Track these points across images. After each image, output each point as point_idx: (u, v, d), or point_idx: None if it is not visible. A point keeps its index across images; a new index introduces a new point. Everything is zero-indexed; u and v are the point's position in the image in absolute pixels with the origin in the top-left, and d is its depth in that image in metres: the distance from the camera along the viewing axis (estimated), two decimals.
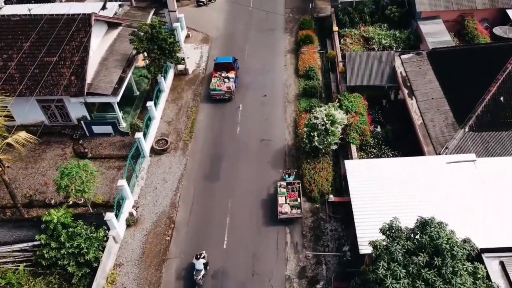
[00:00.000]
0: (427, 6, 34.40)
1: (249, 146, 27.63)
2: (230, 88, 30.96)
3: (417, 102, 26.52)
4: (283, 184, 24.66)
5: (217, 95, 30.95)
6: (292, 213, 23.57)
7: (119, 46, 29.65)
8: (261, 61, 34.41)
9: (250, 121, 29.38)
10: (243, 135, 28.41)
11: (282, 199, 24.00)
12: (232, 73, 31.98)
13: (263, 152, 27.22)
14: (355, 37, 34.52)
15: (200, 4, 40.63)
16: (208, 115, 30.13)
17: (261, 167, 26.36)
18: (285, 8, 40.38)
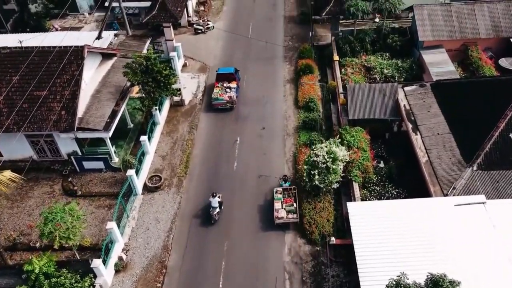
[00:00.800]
0: (429, 35, 33.61)
1: (246, 183, 26.43)
2: (232, 98, 31.83)
3: (421, 138, 25.39)
4: (279, 190, 25.14)
5: (219, 104, 31.75)
6: (288, 217, 23.97)
7: (113, 77, 28.73)
8: (260, 91, 33.48)
9: (247, 155, 28.24)
10: (241, 171, 27.23)
11: (278, 205, 24.46)
12: (234, 84, 32.90)
13: (261, 190, 25.99)
14: (356, 67, 33.67)
15: (198, 32, 39.95)
16: (204, 149, 29.01)
17: (258, 206, 25.08)
18: (285, 36, 39.68)
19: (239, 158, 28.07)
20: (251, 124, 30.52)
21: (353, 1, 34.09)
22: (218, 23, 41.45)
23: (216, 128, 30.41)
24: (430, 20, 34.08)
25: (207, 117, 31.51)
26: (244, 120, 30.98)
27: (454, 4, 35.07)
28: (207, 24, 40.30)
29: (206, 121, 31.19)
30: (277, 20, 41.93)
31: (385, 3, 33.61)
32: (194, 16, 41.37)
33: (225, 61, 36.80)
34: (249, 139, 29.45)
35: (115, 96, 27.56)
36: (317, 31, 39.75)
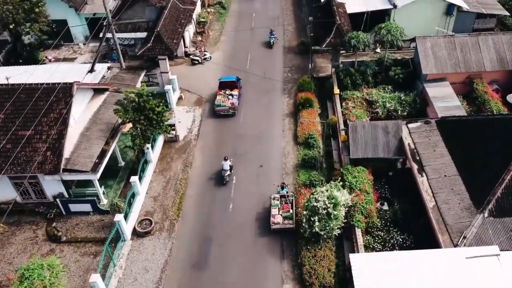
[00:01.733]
0: (433, 68, 32.53)
1: (242, 227, 24.89)
2: (234, 104, 33.34)
3: (428, 180, 23.92)
4: (276, 196, 25.71)
5: (221, 110, 33.30)
6: (284, 223, 24.60)
7: (104, 114, 27.54)
8: (258, 126, 32.23)
9: (244, 196, 26.78)
10: (237, 213, 25.72)
11: (275, 211, 25.06)
12: (236, 91, 34.42)
13: (258, 235, 24.44)
14: (357, 101, 32.45)
15: (195, 62, 38.99)
16: (198, 189, 27.56)
17: (256, 253, 23.50)
18: (284, 67, 38.69)
19: (235, 199, 26.61)
20: (248, 162, 29.13)
21: (353, 33, 33.16)
22: (215, 54, 40.55)
23: (211, 166, 29.03)
24: (433, 52, 33.07)
25: (202, 154, 30.18)
26: (240, 157, 29.62)
27: (458, 36, 34.12)
28: (204, 55, 39.38)
29: (201, 158, 29.85)
30: (276, 50, 41.03)
31: (386, 35, 32.64)
32: (191, 47, 40.49)
33: None
34: (246, 178, 28.03)
35: (106, 134, 26.30)
36: (317, 61, 38.76)
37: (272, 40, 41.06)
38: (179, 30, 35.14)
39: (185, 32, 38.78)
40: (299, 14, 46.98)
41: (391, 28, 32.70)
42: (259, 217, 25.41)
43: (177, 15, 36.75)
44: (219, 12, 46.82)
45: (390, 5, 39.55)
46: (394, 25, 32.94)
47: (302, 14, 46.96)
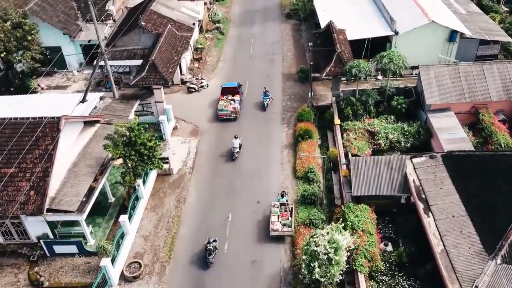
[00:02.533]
0: (437, 99, 31.39)
1: (236, 271, 23.34)
2: (236, 109, 34.82)
3: (435, 221, 22.48)
4: (276, 204, 26.21)
5: (224, 115, 34.69)
6: (283, 230, 25.12)
7: (94, 147, 26.29)
8: (255, 159, 30.92)
9: (240, 235, 25.31)
10: (231, 256, 24.21)
11: (274, 218, 25.57)
12: (237, 97, 35.79)
13: (253, 279, 22.90)
14: (359, 131, 31.22)
15: (191, 90, 37.94)
16: (191, 228, 26.09)
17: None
18: (283, 95, 37.59)
19: (230, 239, 25.13)
20: (245, 197, 27.73)
21: (354, 62, 32.13)
22: (213, 81, 39.55)
23: (206, 202, 27.66)
24: (437, 81, 32.00)
25: (196, 188, 28.81)
26: (237, 192, 28.25)
27: (462, 64, 33.11)
28: (201, 83, 38.37)
29: (195, 193, 28.47)
30: (275, 78, 40.04)
31: (388, 64, 31.59)
32: (188, 74, 39.51)
33: (218, 123, 34.52)
34: (242, 215, 26.60)
35: (95, 169, 25.01)
36: (317, 89, 37.72)
37: (266, 102, 35.10)
38: (175, 59, 34.17)
39: (182, 59, 37.85)
40: (298, 40, 46.19)
41: (393, 57, 31.68)
42: (254, 259, 23.89)
43: (174, 43, 35.86)
44: (217, 37, 46.06)
45: (391, 32, 38.74)
46: (396, 54, 31.93)
47: (301, 40, 46.17)
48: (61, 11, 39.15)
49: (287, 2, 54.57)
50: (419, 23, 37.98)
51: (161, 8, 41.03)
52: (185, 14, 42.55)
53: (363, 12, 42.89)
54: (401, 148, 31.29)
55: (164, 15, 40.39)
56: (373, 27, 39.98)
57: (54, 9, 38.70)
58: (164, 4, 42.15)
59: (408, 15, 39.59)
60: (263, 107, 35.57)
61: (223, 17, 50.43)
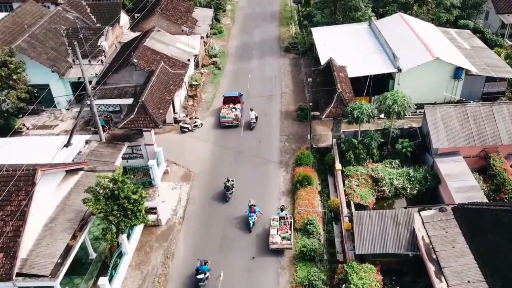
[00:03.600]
0: (444, 142, 29.50)
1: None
2: (237, 116, 36.56)
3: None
4: (276, 217, 26.55)
5: (226, 122, 36.42)
6: (282, 243, 25.40)
7: (74, 199, 24.21)
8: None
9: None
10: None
11: (274, 231, 25.90)
12: (238, 105, 37.65)
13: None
14: (361, 177, 29.22)
15: (184, 130, 36.09)
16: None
17: None
18: (281, 135, 35.73)
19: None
20: (239, 253, 25.46)
21: (356, 104, 30.36)
22: (207, 120, 37.79)
23: (196, 258, 25.31)
24: (444, 123, 30.15)
25: (186, 242, 26.55)
26: (230, 246, 26.01)
27: (470, 105, 31.31)
28: (195, 122, 36.58)
29: (184, 247, 26.19)
30: (273, 116, 38.28)
31: (392, 105, 29.80)
32: (182, 112, 37.76)
33: (212, 166, 32.54)
34: (235, 273, 24.29)
35: (73, 225, 22.85)
36: (317, 129, 35.87)
37: (252, 220, 27.04)
38: (167, 98, 32.48)
39: (175, 97, 36.18)
40: (297, 75, 44.71)
41: (397, 98, 29.91)
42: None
43: (166, 81, 34.25)
44: (213, 72, 44.56)
45: (394, 69, 37.19)
46: (400, 95, 30.18)
47: (300, 75, 44.69)
48: (51, 48, 37.73)
49: (286, 35, 53.46)
50: (423, 60, 36.49)
51: (155, 44, 39.66)
52: (180, 50, 41.14)
53: (365, 47, 41.50)
54: (406, 195, 29.29)
55: (158, 51, 38.99)
56: (375, 64, 38.47)
57: (43, 45, 37.28)
58: (159, 39, 40.83)
59: (411, 51, 38.14)
60: (249, 226, 27.21)
61: (220, 51, 49.13)
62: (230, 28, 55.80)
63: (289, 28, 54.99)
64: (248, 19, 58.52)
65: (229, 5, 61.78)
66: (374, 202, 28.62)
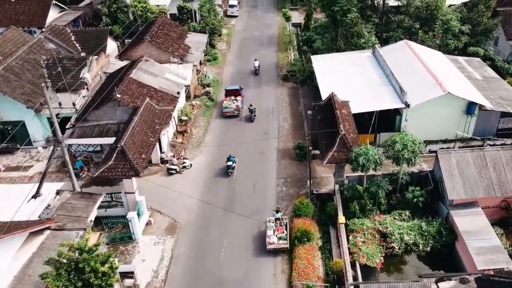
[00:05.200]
0: (461, 193, 26.29)
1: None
2: (238, 107, 40.08)
3: None
4: (272, 219, 27.36)
5: (228, 112, 39.87)
6: (279, 243, 26.18)
7: (36, 267, 20.83)
8: (242, 268, 25.36)
9: None
10: None
11: (270, 232, 26.68)
12: (239, 97, 41.12)
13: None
14: (368, 233, 25.91)
15: (171, 172, 32.83)
16: None
17: None
18: (277, 178, 32.46)
19: None
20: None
21: (362, 148, 27.15)
22: (197, 159, 34.54)
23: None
24: (460, 170, 26.96)
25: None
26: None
27: (488, 149, 28.17)
28: (183, 163, 33.31)
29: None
30: (269, 154, 35.08)
31: (402, 151, 26.59)
32: (169, 151, 34.52)
33: (201, 216, 29.17)
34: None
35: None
36: (317, 170, 32.62)
37: None
38: (151, 140, 29.29)
39: (162, 135, 33.02)
40: (296, 107, 41.64)
41: (408, 142, 26.72)
42: None
43: (151, 120, 31.10)
44: (206, 104, 41.45)
45: (401, 104, 34.11)
46: (410, 139, 26.98)
47: (299, 107, 41.62)
48: (28, 81, 34.73)
49: (285, 62, 50.57)
50: (433, 94, 33.43)
51: (142, 76, 36.65)
52: (170, 81, 38.14)
53: (369, 78, 38.49)
54: (419, 252, 25.96)
55: (145, 83, 35.97)
56: (380, 98, 35.39)
57: (19, 79, 34.28)
58: (146, 70, 37.85)
59: (419, 84, 35.11)
60: None
61: (214, 80, 46.15)
62: (226, 54, 52.93)
63: (288, 54, 52.15)
64: (244, 44, 55.72)
65: (225, 29, 59.03)
66: (382, 262, 25.24)
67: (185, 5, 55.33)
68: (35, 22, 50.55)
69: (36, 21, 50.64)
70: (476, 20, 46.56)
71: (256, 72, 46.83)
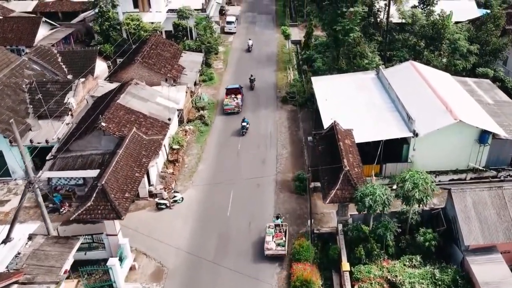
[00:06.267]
0: (479, 238, 23.74)
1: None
2: (238, 104, 42.15)
3: None
4: (271, 225, 27.26)
5: (229, 109, 41.84)
6: (277, 249, 26.16)
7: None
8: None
9: None
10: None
11: (269, 238, 26.60)
12: (239, 96, 43.10)
13: None
14: (375, 282, 23.25)
15: (161, 207, 30.25)
16: None
17: None
18: (275, 213, 29.80)
19: None
20: None
21: (368, 187, 24.57)
22: (189, 192, 31.93)
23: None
24: (477, 212, 24.43)
25: None
26: None
27: (508, 187, 25.53)
28: (173, 196, 30.74)
29: None
30: (267, 186, 32.53)
31: (412, 191, 24.03)
32: (159, 184, 31.94)
33: (191, 260, 26.47)
34: None
35: None
36: (318, 205, 30.18)
37: None
38: (137, 176, 26.76)
39: (150, 167, 30.51)
40: (295, 132, 39.18)
41: (419, 181, 24.16)
42: None
43: (137, 152, 28.61)
44: (200, 130, 38.96)
45: (409, 133, 31.68)
46: (422, 177, 24.41)
47: (299, 132, 39.15)
48: (7, 107, 32.35)
49: (284, 82, 48.27)
50: (444, 122, 31.11)
51: (131, 101, 34.26)
52: (161, 106, 35.74)
53: (373, 103, 36.12)
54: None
55: (134, 109, 33.57)
56: (386, 126, 32.98)
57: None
58: (136, 94, 35.47)
59: (428, 111, 32.79)
60: None
61: (210, 102, 43.77)
62: (222, 74, 50.61)
63: (287, 74, 49.86)
64: (242, 63, 53.42)
65: (222, 47, 56.82)
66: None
67: (181, 22, 53.17)
68: (24, 41, 48.31)
69: (25, 40, 48.41)
70: (484, 39, 44.39)
71: (249, 50, 54.72)
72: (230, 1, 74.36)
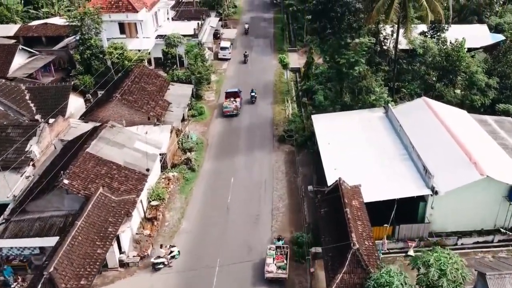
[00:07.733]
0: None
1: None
2: (237, 107, 43.60)
3: None
4: (272, 247, 26.53)
5: (228, 111, 43.26)
6: (278, 272, 25.19)
7: None
8: None
9: None
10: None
11: (270, 260, 25.73)
12: (238, 99, 44.37)
13: None
14: None
15: (158, 267, 25.47)
16: None
17: None
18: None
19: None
20: None
21: (383, 275, 19.65)
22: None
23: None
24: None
25: None
26: None
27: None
28: (170, 252, 26.10)
29: None
30: (260, 251, 27.47)
31: (439, 280, 19.15)
32: (133, 249, 27.06)
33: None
34: None
35: None
36: (319, 278, 25.20)
37: None
38: (98, 253, 21.93)
39: (121, 233, 25.70)
40: (294, 179, 34.42)
41: (447, 267, 19.33)
42: None
43: (103, 220, 23.85)
44: (185, 177, 34.13)
45: (427, 190, 26.98)
46: (451, 261, 19.60)
47: (297, 179, 34.40)
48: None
49: (281, 117, 43.68)
50: (468, 178, 26.59)
51: (103, 148, 29.66)
52: (140, 153, 31.12)
53: (383, 150, 31.55)
54: None
55: (106, 159, 29.01)
56: (399, 179, 28.30)
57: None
58: (111, 139, 30.91)
59: (448, 162, 28.29)
60: None
61: (198, 142, 39.05)
62: (214, 107, 46.04)
63: (285, 107, 45.33)
64: None
65: (215, 75, 52.35)
66: None
67: (170, 50, 48.88)
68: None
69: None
70: (504, 72, 39.96)
71: (246, 32, 61.23)
72: (226, 23, 70.16)
